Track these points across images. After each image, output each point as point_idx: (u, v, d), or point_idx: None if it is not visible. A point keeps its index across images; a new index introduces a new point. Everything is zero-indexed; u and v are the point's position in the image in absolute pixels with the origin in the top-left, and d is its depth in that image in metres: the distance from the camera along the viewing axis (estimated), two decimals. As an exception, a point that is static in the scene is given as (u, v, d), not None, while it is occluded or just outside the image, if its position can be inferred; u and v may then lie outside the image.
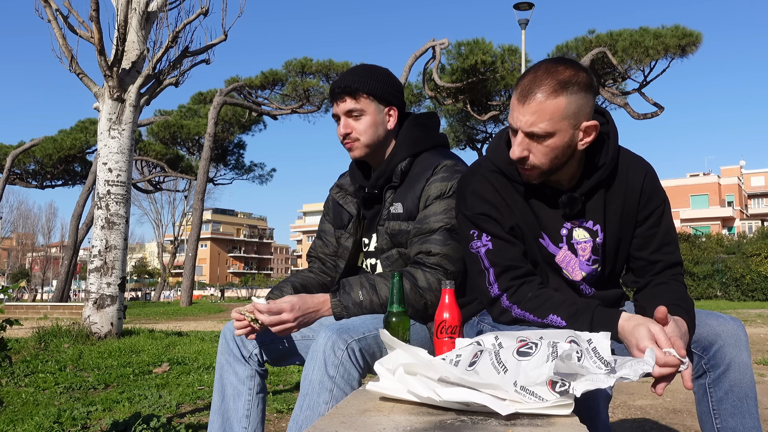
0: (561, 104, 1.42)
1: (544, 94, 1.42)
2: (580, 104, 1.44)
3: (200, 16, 7.32)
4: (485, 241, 1.57)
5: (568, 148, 1.48)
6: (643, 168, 1.63)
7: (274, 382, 4.51)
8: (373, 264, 1.96)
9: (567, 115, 1.43)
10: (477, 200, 1.60)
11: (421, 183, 1.82)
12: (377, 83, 1.87)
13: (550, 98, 1.41)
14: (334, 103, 1.90)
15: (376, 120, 1.87)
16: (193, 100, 27.27)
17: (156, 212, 62.07)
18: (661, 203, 1.63)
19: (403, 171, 1.86)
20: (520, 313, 1.51)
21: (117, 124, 6.87)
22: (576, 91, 1.43)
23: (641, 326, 1.31)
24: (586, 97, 1.45)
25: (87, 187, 20.37)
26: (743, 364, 1.46)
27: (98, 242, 6.78)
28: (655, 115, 19.26)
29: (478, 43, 20.75)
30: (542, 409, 1.05)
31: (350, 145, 1.88)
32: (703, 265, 22.48)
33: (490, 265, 1.56)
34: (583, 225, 1.61)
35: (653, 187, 1.62)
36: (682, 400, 3.88)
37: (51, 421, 3.21)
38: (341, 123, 1.89)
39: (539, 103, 1.42)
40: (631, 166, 1.62)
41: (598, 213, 1.60)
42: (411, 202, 1.82)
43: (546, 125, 1.43)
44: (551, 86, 1.42)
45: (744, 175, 59.58)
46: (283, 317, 1.70)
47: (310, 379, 1.52)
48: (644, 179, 1.61)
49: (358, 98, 1.86)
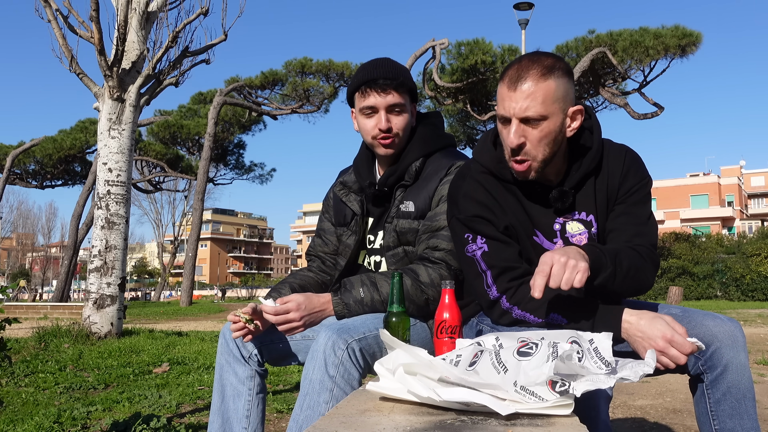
0: (551, 87, 1.47)
1: (534, 78, 1.46)
2: (566, 88, 1.50)
3: (200, 16, 7.32)
4: (480, 244, 1.58)
5: (559, 133, 1.51)
6: (623, 151, 1.65)
7: (274, 382, 4.51)
8: (377, 261, 1.95)
9: (557, 97, 1.48)
10: (469, 203, 1.61)
11: (435, 182, 1.81)
12: (411, 80, 1.86)
13: (540, 82, 1.46)
14: (373, 93, 1.80)
15: (408, 118, 1.86)
16: (193, 100, 27.28)
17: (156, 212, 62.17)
18: (639, 181, 1.62)
19: (416, 170, 1.85)
20: (520, 314, 1.51)
21: (117, 124, 6.87)
22: (561, 76, 1.48)
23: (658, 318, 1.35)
24: (569, 83, 1.51)
25: (87, 187, 20.37)
26: (741, 365, 1.45)
27: (98, 242, 6.78)
28: (655, 115, 19.26)
29: (478, 43, 20.75)
30: (542, 409, 1.05)
31: (389, 141, 1.82)
32: (703, 265, 22.49)
33: (487, 268, 1.56)
34: (576, 218, 1.61)
35: (632, 166, 1.63)
36: (682, 400, 3.88)
37: (51, 421, 3.21)
38: (382, 116, 1.81)
39: (530, 87, 1.46)
40: (612, 152, 1.64)
41: (589, 203, 1.61)
42: (423, 201, 1.82)
43: (540, 108, 1.46)
44: (539, 71, 1.46)
45: (744, 175, 59.56)
46: (289, 316, 1.71)
47: (310, 379, 1.52)
48: (624, 160, 1.62)
49: (402, 93, 1.82)
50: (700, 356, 1.48)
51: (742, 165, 59.25)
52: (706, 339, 1.47)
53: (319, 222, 2.13)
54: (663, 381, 4.42)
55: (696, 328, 1.48)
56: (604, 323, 1.39)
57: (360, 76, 1.84)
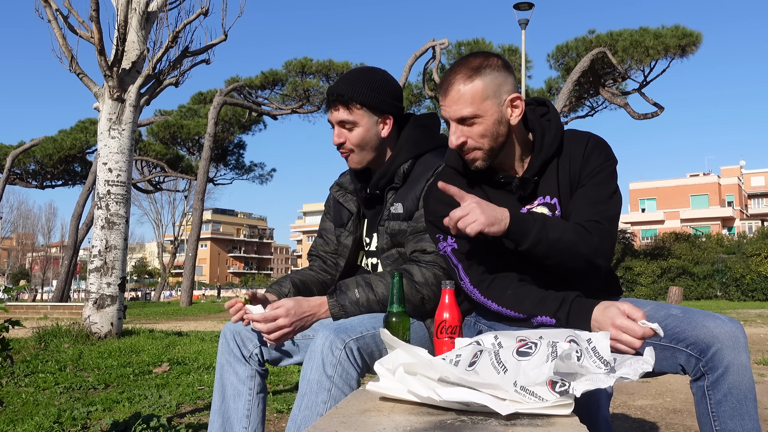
0: (478, 87, 1.53)
1: (459, 81, 1.54)
2: (498, 83, 1.55)
3: (200, 16, 7.31)
4: (450, 242, 1.64)
5: (499, 124, 1.56)
6: (586, 136, 1.68)
7: (274, 382, 4.51)
8: (374, 264, 1.97)
9: (487, 95, 1.54)
10: (436, 204, 1.67)
11: (422, 183, 1.82)
12: (372, 92, 1.83)
13: (466, 84, 1.53)
14: (330, 110, 1.88)
15: (369, 132, 1.86)
16: (193, 100, 27.26)
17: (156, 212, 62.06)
18: (603, 162, 1.62)
19: (405, 172, 1.86)
20: (498, 309, 1.55)
21: (117, 124, 6.87)
22: (489, 72, 1.54)
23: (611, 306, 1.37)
24: (503, 76, 1.56)
25: (87, 187, 20.36)
26: (742, 366, 1.45)
27: (98, 242, 6.78)
28: (655, 115, 19.27)
29: (478, 43, 20.75)
30: (542, 409, 1.05)
31: (345, 155, 1.90)
32: (703, 265, 22.49)
33: (458, 261, 1.63)
34: (540, 202, 1.65)
35: (594, 149, 1.64)
36: (682, 400, 3.88)
37: (51, 421, 3.21)
38: (335, 131, 1.88)
39: (457, 91, 1.54)
40: (574, 138, 1.68)
41: (551, 187, 1.65)
42: (411, 202, 1.83)
43: (470, 109, 1.54)
44: (464, 74, 1.54)
45: (744, 175, 59.54)
46: (279, 323, 1.70)
47: (308, 379, 1.52)
48: (586, 144, 1.65)
49: (351, 109, 1.83)
50: (701, 357, 1.48)
51: (742, 165, 59.24)
52: (706, 340, 1.47)
53: (321, 222, 2.15)
54: (663, 381, 4.42)
55: (697, 329, 1.48)
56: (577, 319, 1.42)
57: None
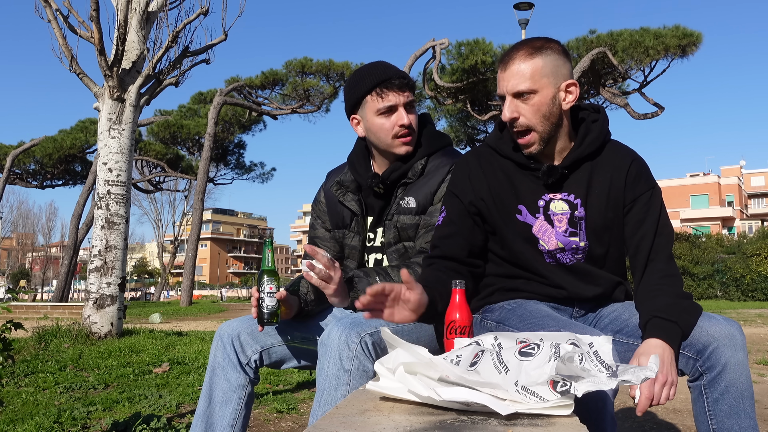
0: (538, 64, 1.58)
1: (521, 57, 1.59)
2: (557, 64, 1.60)
3: (200, 16, 7.31)
4: (441, 217, 1.73)
5: (552, 105, 1.60)
6: (631, 154, 1.71)
7: (274, 382, 4.51)
8: (378, 259, 1.94)
9: (545, 73, 1.58)
10: (453, 176, 1.76)
11: (437, 179, 1.83)
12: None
13: (527, 60, 1.59)
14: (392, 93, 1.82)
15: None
16: (193, 100, 27.23)
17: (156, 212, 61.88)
18: (649, 189, 1.67)
19: (421, 168, 1.86)
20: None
21: (117, 124, 6.87)
22: (550, 54, 1.60)
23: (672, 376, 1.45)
24: (561, 59, 1.61)
25: (87, 187, 20.35)
26: (739, 365, 1.45)
27: (98, 242, 6.78)
28: (656, 115, 19.25)
29: (478, 43, 20.72)
30: (542, 409, 1.05)
31: (410, 138, 1.86)
32: (703, 265, 22.46)
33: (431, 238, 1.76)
34: (563, 198, 1.66)
35: (640, 172, 1.68)
36: (683, 400, 3.88)
37: (51, 421, 3.21)
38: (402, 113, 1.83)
39: (518, 66, 1.59)
40: (619, 151, 1.71)
41: (580, 187, 1.66)
42: (425, 197, 1.83)
43: (528, 83, 1.58)
44: (526, 51, 1.59)
45: (744, 175, 59.52)
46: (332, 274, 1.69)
47: (326, 374, 1.52)
48: (631, 163, 1.69)
49: (412, 92, 1.87)
50: (698, 358, 1.48)
51: (742, 165, 59.23)
52: (703, 340, 1.47)
53: (311, 230, 2.07)
54: (663, 381, 4.41)
55: (694, 331, 1.49)
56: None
57: (371, 78, 1.84)
